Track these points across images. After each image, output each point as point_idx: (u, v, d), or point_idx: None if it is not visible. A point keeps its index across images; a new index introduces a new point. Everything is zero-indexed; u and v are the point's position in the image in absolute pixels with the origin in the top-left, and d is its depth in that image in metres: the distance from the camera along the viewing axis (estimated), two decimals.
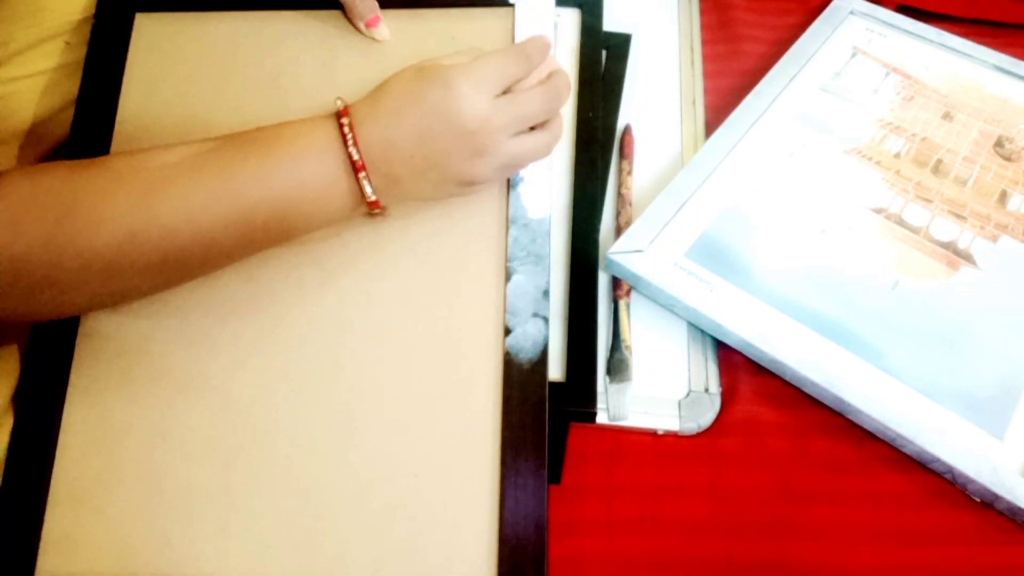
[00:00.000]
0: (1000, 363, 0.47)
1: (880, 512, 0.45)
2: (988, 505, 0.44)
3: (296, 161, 0.39)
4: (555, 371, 0.48)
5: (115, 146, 0.47)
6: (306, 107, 0.44)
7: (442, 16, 0.48)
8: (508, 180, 0.48)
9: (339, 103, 0.41)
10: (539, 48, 0.43)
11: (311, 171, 0.39)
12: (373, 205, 0.42)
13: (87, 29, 0.52)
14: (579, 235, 0.52)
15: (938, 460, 0.44)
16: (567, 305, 0.50)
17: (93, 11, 0.52)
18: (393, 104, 0.40)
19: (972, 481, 0.43)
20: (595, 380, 0.47)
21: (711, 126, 0.60)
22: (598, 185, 0.54)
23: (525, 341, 0.43)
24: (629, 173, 0.58)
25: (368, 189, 0.40)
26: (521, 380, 0.43)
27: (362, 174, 0.40)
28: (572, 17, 0.62)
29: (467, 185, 0.43)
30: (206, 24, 0.48)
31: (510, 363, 0.43)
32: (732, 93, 0.62)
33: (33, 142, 0.50)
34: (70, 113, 0.50)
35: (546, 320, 0.44)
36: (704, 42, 0.66)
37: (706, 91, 0.63)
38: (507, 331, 0.44)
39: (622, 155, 0.59)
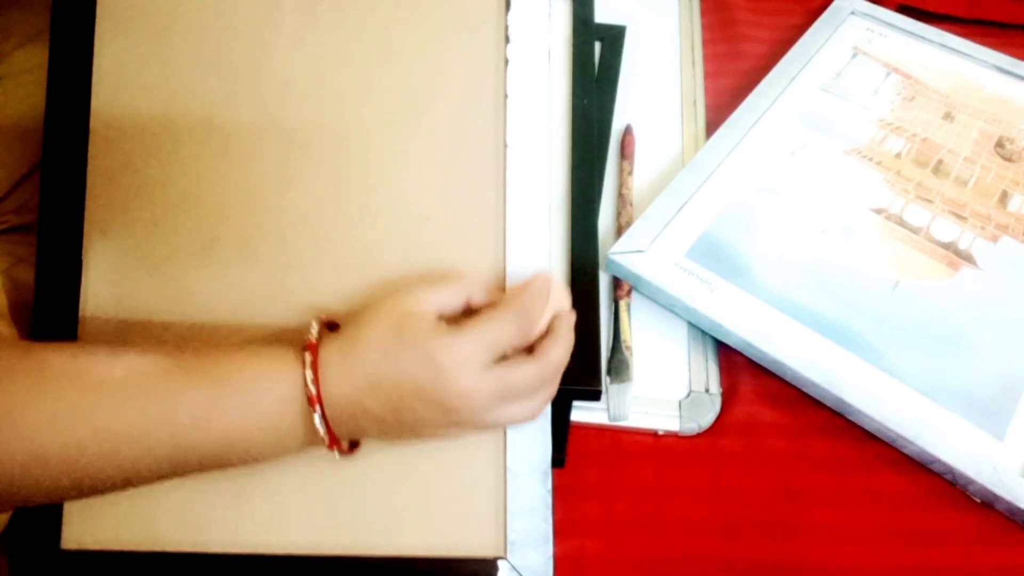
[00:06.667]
0: (1000, 363, 0.47)
1: (880, 512, 0.45)
2: (988, 505, 0.44)
3: (251, 405, 0.36)
4: None
5: (94, 121, 0.44)
6: (289, 57, 0.43)
7: None
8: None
9: (313, 330, 0.37)
10: (539, 298, 0.38)
11: (265, 418, 0.36)
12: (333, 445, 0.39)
13: None
14: (579, 235, 0.52)
15: (938, 460, 0.44)
16: None
17: None
18: (368, 363, 0.36)
19: (972, 481, 0.44)
20: (598, 361, 0.46)
21: (712, 126, 0.60)
22: (597, 184, 0.54)
23: None
24: (630, 173, 0.58)
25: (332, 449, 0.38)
26: None
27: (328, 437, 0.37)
28: (563, 8, 0.62)
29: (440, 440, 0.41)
30: None
31: None
32: (733, 93, 0.62)
33: (32, 136, 0.50)
34: None
35: None
36: (705, 42, 0.66)
37: (707, 91, 0.63)
38: None
39: (623, 155, 0.59)
